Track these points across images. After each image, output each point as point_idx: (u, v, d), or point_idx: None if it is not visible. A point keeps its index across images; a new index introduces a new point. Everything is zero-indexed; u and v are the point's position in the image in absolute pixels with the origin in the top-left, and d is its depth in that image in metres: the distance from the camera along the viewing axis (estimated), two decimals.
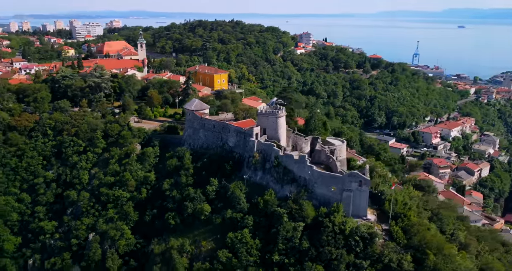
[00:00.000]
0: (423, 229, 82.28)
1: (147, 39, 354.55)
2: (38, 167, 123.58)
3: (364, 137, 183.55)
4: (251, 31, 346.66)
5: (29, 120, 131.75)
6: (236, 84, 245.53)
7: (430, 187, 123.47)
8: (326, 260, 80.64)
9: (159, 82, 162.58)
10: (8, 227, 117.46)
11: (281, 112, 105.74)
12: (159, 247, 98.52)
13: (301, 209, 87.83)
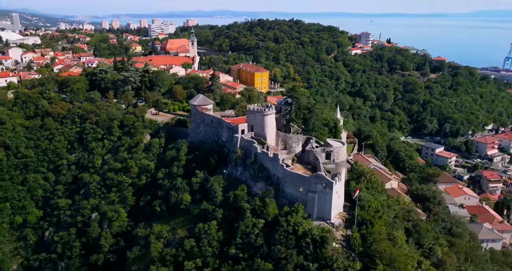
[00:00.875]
0: (380, 238, 78.73)
1: (209, 37, 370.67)
2: (63, 150, 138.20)
3: (393, 142, 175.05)
4: (307, 31, 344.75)
5: (63, 108, 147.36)
6: (279, 83, 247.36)
7: (435, 198, 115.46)
8: (276, 259, 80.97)
9: (187, 79, 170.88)
10: (34, 201, 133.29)
11: (269, 111, 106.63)
12: (144, 231, 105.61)
13: (264, 206, 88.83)
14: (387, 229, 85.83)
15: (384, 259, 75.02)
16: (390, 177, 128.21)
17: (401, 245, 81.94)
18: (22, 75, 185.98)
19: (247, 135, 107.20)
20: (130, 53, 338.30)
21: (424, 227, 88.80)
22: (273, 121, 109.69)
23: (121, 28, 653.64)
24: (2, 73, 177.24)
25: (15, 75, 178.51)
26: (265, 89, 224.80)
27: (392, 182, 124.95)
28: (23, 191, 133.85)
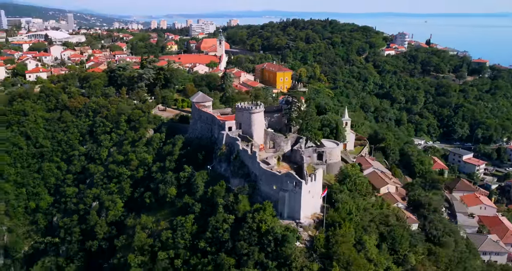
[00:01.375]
0: (342, 241, 77.40)
1: (243, 37, 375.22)
2: (76, 142, 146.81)
3: (407, 146, 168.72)
4: (341, 31, 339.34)
5: (80, 102, 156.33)
6: (304, 83, 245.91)
7: (430, 205, 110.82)
8: (239, 254, 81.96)
9: (200, 77, 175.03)
10: (46, 188, 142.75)
11: (256, 109, 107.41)
12: (133, 221, 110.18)
13: (236, 203, 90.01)
14: (359, 232, 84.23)
15: (342, 262, 73.81)
16: (389, 181, 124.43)
17: (369, 249, 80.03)
18: (53, 71, 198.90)
19: (234, 132, 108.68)
20: (166, 51, 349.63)
21: (399, 233, 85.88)
22: (262, 120, 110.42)
23: (168, 28, 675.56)
24: (33, 69, 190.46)
25: (45, 70, 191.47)
26: (288, 89, 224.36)
27: (389, 186, 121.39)
28: (38, 178, 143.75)
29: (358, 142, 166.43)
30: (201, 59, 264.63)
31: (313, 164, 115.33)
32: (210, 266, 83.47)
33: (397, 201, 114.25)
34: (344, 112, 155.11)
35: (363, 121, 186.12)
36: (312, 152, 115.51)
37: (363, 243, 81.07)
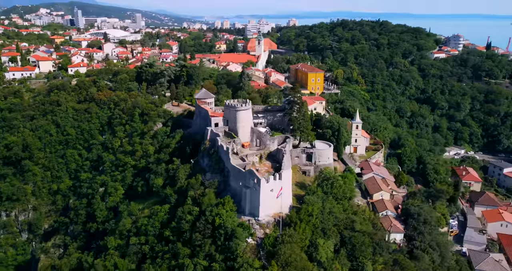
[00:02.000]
0: (288, 241, 77.09)
1: (291, 37, 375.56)
2: (96, 132, 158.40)
3: (428, 154, 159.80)
4: (390, 32, 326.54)
5: (106, 95, 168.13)
6: (339, 84, 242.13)
7: (420, 216, 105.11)
8: (195, 245, 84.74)
9: (221, 75, 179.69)
10: (68, 173, 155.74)
11: (241, 107, 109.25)
12: (124, 207, 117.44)
13: (203, 196, 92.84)
14: (317, 234, 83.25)
15: (281, 261, 73.71)
16: (385, 188, 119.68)
17: (320, 253, 78.85)
18: (95, 66, 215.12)
19: (220, 128, 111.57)
20: (214, 50, 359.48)
21: (359, 239, 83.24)
22: (248, 118, 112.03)
23: (226, 28, 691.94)
24: (75, 64, 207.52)
25: (85, 65, 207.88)
26: (319, 90, 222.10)
27: (383, 193, 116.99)
28: (62, 163, 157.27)
29: (373, 146, 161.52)
30: (239, 59, 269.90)
31: (302, 164, 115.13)
32: (169, 254, 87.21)
33: (387, 209, 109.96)
34: (355, 115, 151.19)
35: (386, 125, 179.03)
36: (301, 152, 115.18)
37: (316, 246, 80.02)
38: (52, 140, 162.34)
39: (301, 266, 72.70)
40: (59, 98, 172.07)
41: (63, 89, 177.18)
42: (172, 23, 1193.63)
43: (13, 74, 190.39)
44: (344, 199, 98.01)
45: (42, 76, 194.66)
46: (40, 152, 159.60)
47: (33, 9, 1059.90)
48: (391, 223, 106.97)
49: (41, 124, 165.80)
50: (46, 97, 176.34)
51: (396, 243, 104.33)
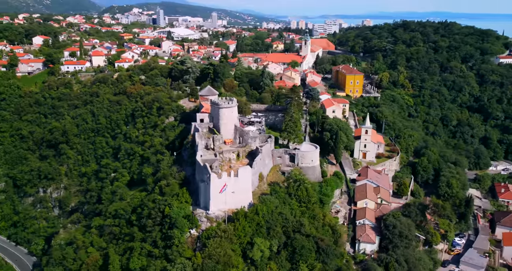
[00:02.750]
0: (220, 235, 79.40)
1: (350, 38, 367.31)
2: (122, 122, 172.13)
3: (444, 167, 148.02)
4: (453, 34, 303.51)
5: (136, 89, 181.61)
6: (382, 88, 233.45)
7: (395, 228, 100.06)
8: (147, 231, 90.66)
9: (244, 74, 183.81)
10: (95, 158, 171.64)
11: (225, 104, 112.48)
12: (121, 191, 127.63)
13: (167, 186, 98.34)
14: (260, 232, 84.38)
15: (204, 253, 76.43)
16: (372, 197, 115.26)
17: (255, 251, 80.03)
18: (142, 61, 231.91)
19: (204, 124, 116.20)
20: (272, 50, 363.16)
21: (299, 243, 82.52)
22: (231, 115, 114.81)
23: (297, 28, 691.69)
24: (122, 59, 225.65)
25: (130, 60, 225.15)
26: (358, 93, 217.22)
27: (368, 201, 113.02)
28: (91, 149, 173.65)
29: (389, 153, 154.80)
30: (283, 59, 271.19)
31: (284, 165, 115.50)
32: (128, 237, 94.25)
33: (365, 218, 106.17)
34: (365, 119, 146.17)
35: (412, 133, 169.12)
36: (283, 152, 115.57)
37: (252, 244, 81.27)
38: (87, 127, 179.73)
39: (224, 260, 74.64)
40: (98, 90, 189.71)
41: (104, 82, 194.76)
42: (254, 22, 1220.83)
43: (67, 67, 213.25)
44: (309, 203, 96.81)
45: (91, 69, 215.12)
46: (76, 138, 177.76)
47: (127, 9, 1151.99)
48: (365, 232, 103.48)
49: (80, 113, 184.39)
50: (89, 89, 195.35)
51: (365, 254, 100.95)
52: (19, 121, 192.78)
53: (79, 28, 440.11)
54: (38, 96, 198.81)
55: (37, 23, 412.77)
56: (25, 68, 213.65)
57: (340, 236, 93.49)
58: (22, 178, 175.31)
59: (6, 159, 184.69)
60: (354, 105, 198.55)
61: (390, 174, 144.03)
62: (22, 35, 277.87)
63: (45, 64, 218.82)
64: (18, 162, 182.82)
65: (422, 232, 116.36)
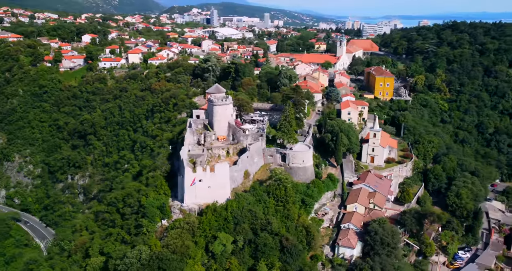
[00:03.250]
0: (183, 226, 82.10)
1: (395, 39, 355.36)
2: (143, 117, 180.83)
3: (459, 176, 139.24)
4: (505, 36, 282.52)
5: (160, 85, 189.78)
6: (416, 91, 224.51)
7: (377, 234, 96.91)
8: (126, 218, 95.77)
9: (264, 73, 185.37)
10: (117, 149, 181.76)
11: (218, 101, 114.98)
12: (125, 182, 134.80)
13: (153, 177, 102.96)
14: (227, 228, 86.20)
15: (163, 243, 79.42)
16: (363, 202, 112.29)
17: (215, 245, 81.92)
18: (174, 59, 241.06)
19: (199, 120, 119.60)
20: (314, 50, 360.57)
21: (262, 241, 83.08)
22: (226, 113, 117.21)
23: (351, 29, 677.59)
24: (155, 57, 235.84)
25: (162, 58, 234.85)
26: (388, 96, 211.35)
27: (357, 206, 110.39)
28: (115, 141, 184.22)
29: (402, 158, 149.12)
30: (317, 59, 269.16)
31: (276, 164, 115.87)
32: (112, 223, 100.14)
33: (349, 222, 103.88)
34: (374, 123, 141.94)
35: (432, 138, 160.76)
36: (275, 152, 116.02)
37: (216, 238, 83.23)
38: (113, 120, 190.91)
39: (181, 251, 77.21)
40: (128, 85, 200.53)
41: (133, 79, 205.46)
42: (312, 23, 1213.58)
43: (104, 64, 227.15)
44: (286, 202, 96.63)
45: (125, 66, 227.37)
46: (103, 130, 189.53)
47: (187, 9, 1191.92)
48: (346, 236, 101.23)
49: (109, 107, 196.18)
50: (120, 84, 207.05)
51: (345, 258, 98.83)
52: (58, 112, 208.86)
53: (133, 28, 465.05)
54: (76, 90, 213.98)
55: (96, 22, 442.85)
56: (68, 64, 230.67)
57: (313, 237, 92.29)
58: (55, 165, 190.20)
59: (43, 147, 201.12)
60: (380, 108, 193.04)
61: (398, 179, 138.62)
62: (73, 34, 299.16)
63: (85, 61, 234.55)
64: (54, 150, 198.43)
65: (416, 242, 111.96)
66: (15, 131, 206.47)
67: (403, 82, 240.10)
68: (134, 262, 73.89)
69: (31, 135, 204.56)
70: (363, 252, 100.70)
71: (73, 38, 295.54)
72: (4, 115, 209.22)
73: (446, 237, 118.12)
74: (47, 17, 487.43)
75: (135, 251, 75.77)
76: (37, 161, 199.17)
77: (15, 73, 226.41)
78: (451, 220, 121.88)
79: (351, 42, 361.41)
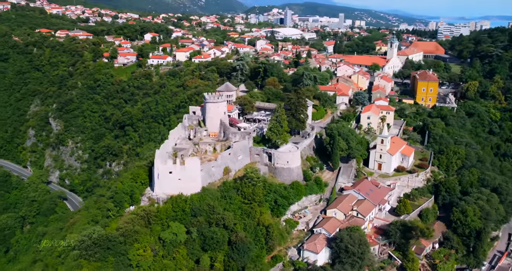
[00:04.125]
0: (134, 212, 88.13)
1: (463, 41, 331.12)
2: (172, 112, 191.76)
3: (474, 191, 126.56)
4: None
5: (191, 83, 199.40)
6: (467, 98, 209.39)
7: (341, 242, 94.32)
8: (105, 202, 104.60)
9: (291, 74, 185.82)
10: (147, 140, 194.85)
11: (210, 99, 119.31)
12: None
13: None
14: (185, 219, 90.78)
15: (117, 227, 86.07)
16: (344, 209, 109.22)
17: (165, 232, 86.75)
18: (221, 58, 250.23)
19: (195, 116, 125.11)
20: (375, 52, 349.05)
21: (210, 234, 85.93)
22: (217, 110, 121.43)
23: (431, 30, 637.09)
24: (198, 56, 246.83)
25: (207, 56, 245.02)
26: (431, 102, 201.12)
27: (336, 211, 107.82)
28: (147, 133, 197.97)
29: (416, 168, 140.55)
30: (365, 61, 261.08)
31: (263, 163, 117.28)
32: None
33: (322, 227, 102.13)
34: (383, 129, 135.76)
35: (459, 149, 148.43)
36: (262, 151, 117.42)
37: (168, 226, 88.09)
38: (149, 114, 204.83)
39: (129, 234, 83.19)
40: (167, 82, 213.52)
41: (173, 75, 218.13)
42: (398, 23, 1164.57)
43: (152, 61, 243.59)
44: (253, 201, 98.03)
45: (170, 63, 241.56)
46: (139, 122, 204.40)
47: (267, 9, 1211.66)
48: (313, 241, 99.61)
49: (148, 101, 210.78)
50: (161, 80, 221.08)
51: (309, 263, 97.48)
52: (107, 104, 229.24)
53: (204, 27, 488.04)
54: (124, 85, 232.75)
55: (171, 22, 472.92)
56: (122, 60, 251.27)
57: (271, 237, 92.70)
58: (98, 152, 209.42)
59: (92, 135, 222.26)
60: (416, 114, 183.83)
61: (403, 190, 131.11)
62: (137, 32, 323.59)
63: (137, 58, 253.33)
64: (99, 138, 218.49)
65: (401, 255, 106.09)
66: (71, 119, 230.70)
67: (455, 88, 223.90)
68: (86, 240, 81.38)
69: (83, 123, 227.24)
70: (333, 259, 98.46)
71: (136, 37, 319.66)
72: (63, 104, 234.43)
73: (439, 255, 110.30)
74: (128, 17, 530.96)
75: (89, 230, 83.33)
76: (85, 147, 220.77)
77: (77, 67, 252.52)
78: (450, 237, 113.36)
79: (414, 44, 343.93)
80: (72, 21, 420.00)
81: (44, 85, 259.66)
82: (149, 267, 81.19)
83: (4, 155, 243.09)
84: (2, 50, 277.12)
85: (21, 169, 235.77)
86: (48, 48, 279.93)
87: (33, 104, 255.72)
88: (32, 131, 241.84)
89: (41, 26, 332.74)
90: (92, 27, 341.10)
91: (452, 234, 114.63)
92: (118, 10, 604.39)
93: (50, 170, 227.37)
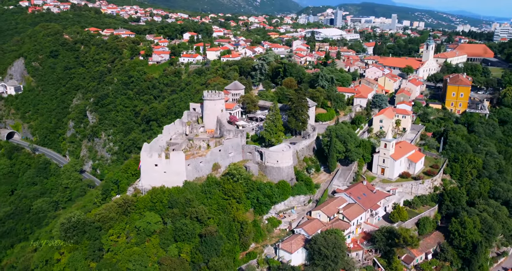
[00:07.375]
0: (116, 201, 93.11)
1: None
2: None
3: (481, 202, 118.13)
4: None
5: (214, 81, 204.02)
6: (500, 104, 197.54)
7: (320, 249, 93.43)
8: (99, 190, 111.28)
9: (309, 75, 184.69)
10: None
11: (208, 97, 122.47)
12: None
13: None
14: (163, 210, 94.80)
15: (97, 218, 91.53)
16: (328, 211, 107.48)
17: (140, 221, 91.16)
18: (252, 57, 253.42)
19: (194, 113, 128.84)
20: (415, 54, 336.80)
21: (180, 225, 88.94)
22: (214, 108, 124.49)
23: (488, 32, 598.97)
24: (227, 55, 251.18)
25: (236, 56, 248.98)
26: (461, 107, 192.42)
27: (320, 213, 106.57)
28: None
29: (424, 175, 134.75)
30: (399, 63, 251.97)
31: (254, 161, 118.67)
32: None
33: (301, 228, 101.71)
34: (387, 133, 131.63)
35: (475, 158, 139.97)
36: (254, 149, 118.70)
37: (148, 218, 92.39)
38: (173, 110, 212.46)
39: (104, 220, 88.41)
40: (192, 79, 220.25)
41: (199, 73, 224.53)
42: (463, 24, 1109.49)
43: (182, 59, 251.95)
44: (232, 197, 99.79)
45: (200, 62, 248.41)
46: (163, 117, 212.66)
47: (321, 10, 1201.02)
48: (290, 241, 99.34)
49: (174, 97, 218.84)
50: (188, 78, 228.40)
51: (283, 262, 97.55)
52: (138, 100, 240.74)
53: (249, 28, 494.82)
54: (155, 81, 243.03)
55: (218, 22, 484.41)
56: (156, 58, 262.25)
57: (244, 234, 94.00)
58: (126, 144, 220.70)
59: (122, 128, 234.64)
60: (441, 120, 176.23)
61: (404, 196, 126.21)
62: (178, 31, 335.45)
63: (170, 56, 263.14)
64: (128, 132, 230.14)
65: (385, 263, 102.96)
66: (105, 113, 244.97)
67: (492, 93, 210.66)
68: (66, 222, 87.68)
69: (115, 117, 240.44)
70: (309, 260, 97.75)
71: (176, 36, 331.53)
72: (99, 99, 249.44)
73: (430, 266, 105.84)
74: (178, 17, 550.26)
75: (70, 214, 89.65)
76: (116, 140, 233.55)
77: (115, 64, 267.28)
78: (445, 249, 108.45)
79: (460, 46, 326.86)
80: (124, 20, 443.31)
81: (86, 80, 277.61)
82: (120, 252, 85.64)
83: (47, 144, 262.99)
84: (53, 47, 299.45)
85: (61, 157, 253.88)
86: (94, 45, 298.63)
87: (75, 98, 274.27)
88: (72, 123, 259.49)
89: (92, 25, 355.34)
90: (137, 26, 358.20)
91: (447, 246, 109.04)
92: (170, 10, 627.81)
93: (84, 160, 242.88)
